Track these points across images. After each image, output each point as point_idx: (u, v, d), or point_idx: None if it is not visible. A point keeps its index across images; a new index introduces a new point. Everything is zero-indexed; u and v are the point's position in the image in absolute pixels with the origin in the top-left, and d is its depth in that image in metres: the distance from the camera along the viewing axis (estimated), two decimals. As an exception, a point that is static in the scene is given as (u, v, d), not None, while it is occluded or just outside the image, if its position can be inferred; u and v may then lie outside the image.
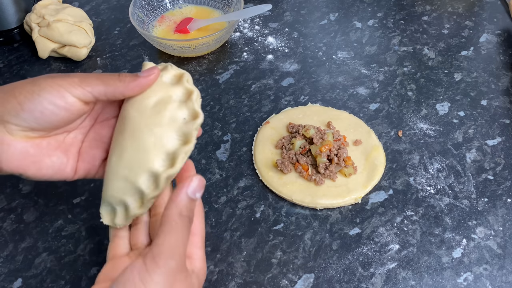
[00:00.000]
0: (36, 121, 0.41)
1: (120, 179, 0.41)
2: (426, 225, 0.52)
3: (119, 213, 0.43)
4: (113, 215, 0.43)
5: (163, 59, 0.71)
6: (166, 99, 0.42)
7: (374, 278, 0.48)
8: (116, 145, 0.42)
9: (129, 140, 0.41)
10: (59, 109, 0.41)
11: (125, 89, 0.41)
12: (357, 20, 0.78)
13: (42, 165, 0.42)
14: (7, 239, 0.52)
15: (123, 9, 0.80)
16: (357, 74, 0.69)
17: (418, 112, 0.63)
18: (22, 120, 0.40)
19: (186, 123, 0.41)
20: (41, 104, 0.40)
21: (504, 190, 0.55)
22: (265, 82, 0.68)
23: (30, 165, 0.42)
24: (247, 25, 0.77)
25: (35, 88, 0.40)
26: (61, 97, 0.40)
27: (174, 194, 0.37)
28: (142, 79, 0.42)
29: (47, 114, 0.40)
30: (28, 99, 0.40)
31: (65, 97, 0.40)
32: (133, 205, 0.42)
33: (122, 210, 0.42)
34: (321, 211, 0.54)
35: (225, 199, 0.55)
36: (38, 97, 0.40)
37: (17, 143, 0.41)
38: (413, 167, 0.57)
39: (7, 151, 0.40)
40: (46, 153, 0.42)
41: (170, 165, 0.40)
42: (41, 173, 0.42)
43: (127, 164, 0.41)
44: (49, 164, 0.43)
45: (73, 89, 0.41)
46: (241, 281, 0.48)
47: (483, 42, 0.73)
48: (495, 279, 0.48)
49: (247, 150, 0.59)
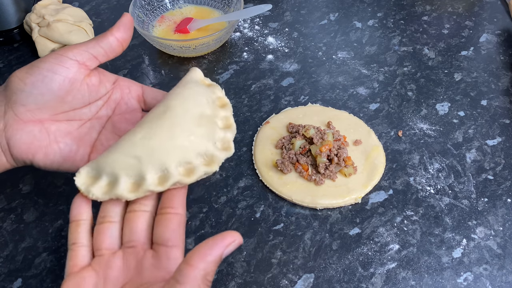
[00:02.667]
0: (40, 92, 0.40)
1: (131, 156, 0.39)
2: (426, 225, 0.52)
3: (101, 183, 0.39)
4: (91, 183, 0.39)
5: (163, 59, 0.71)
6: (211, 118, 0.43)
7: (374, 278, 0.48)
8: (148, 126, 0.41)
9: (166, 130, 0.40)
10: (57, 74, 0.41)
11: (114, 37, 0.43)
12: (357, 20, 0.78)
13: (49, 151, 0.42)
14: (7, 239, 0.52)
15: (123, 9, 0.80)
16: (357, 74, 0.69)
17: (418, 112, 0.63)
18: (27, 96, 0.40)
19: (216, 148, 0.42)
20: (41, 73, 0.40)
21: (504, 190, 0.55)
22: (265, 82, 0.68)
23: (37, 150, 0.41)
24: (247, 25, 0.77)
25: (35, 63, 0.41)
26: (59, 62, 0.41)
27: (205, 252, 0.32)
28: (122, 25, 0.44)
29: (48, 82, 0.40)
30: (28, 73, 0.40)
31: (62, 60, 0.41)
32: (124, 185, 0.39)
33: (106, 182, 0.39)
34: (321, 211, 0.54)
35: (225, 199, 0.55)
36: (38, 68, 0.40)
37: (25, 126, 0.41)
38: (413, 167, 0.57)
39: (15, 135, 0.40)
40: (53, 139, 0.42)
41: (186, 174, 0.40)
42: (49, 160, 0.42)
43: (149, 148, 0.39)
44: (56, 150, 0.42)
45: (69, 52, 0.41)
46: (241, 281, 0.48)
47: (483, 42, 0.73)
48: (495, 279, 0.48)
49: (247, 150, 0.59)
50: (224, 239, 0.34)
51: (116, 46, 0.44)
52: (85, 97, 0.43)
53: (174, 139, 0.40)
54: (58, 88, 0.41)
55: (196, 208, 0.54)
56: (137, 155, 0.39)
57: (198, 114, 0.42)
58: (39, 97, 0.41)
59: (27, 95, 0.40)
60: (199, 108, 0.42)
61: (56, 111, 0.42)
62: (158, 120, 0.41)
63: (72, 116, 0.43)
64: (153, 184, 0.39)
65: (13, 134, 0.40)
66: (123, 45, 0.44)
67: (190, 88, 0.44)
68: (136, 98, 0.47)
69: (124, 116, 0.46)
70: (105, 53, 0.43)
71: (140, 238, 0.38)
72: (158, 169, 0.39)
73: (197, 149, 0.41)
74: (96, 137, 0.45)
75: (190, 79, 0.45)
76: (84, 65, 0.42)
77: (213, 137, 0.42)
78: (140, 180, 0.39)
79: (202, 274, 0.32)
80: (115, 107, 0.46)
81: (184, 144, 0.40)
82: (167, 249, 0.37)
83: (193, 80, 0.45)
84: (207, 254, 0.33)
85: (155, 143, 0.40)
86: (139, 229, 0.38)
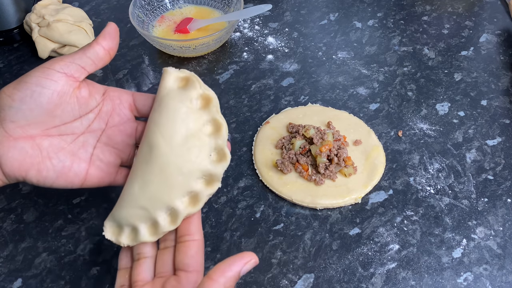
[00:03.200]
0: (29, 107, 0.40)
1: (137, 208, 0.41)
2: (426, 225, 0.52)
3: (126, 233, 0.43)
4: (118, 233, 0.43)
5: (163, 59, 0.71)
6: (197, 133, 0.41)
7: (374, 278, 0.48)
8: (140, 174, 0.42)
9: (157, 175, 0.41)
10: (45, 88, 0.40)
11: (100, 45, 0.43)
12: (357, 20, 0.78)
13: (42, 167, 0.41)
14: (7, 239, 0.52)
15: (123, 9, 0.80)
16: (357, 74, 0.69)
17: (418, 112, 0.63)
18: (16, 112, 0.39)
19: (213, 163, 0.41)
20: (29, 88, 0.39)
21: (504, 190, 0.55)
22: (265, 82, 0.68)
23: (30, 167, 0.40)
24: (247, 25, 0.77)
25: (23, 78, 0.40)
26: (46, 75, 0.40)
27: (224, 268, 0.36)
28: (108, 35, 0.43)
29: (36, 97, 0.40)
30: (16, 88, 0.40)
31: (49, 74, 0.40)
32: (144, 232, 0.42)
33: (129, 231, 0.43)
34: (321, 211, 0.54)
35: (225, 199, 0.55)
36: (25, 84, 0.40)
37: (16, 143, 0.40)
38: (413, 167, 0.57)
39: (6, 153, 0.40)
40: (46, 155, 0.41)
41: (192, 203, 0.41)
42: (42, 176, 0.41)
43: (150, 197, 0.41)
44: (49, 167, 0.41)
45: (56, 64, 0.41)
46: (241, 281, 0.48)
47: (483, 42, 0.73)
48: (495, 279, 0.48)
49: (247, 150, 0.59)
50: (243, 258, 0.37)
51: (103, 55, 0.43)
52: (75, 110, 0.42)
53: (169, 179, 0.40)
54: (47, 102, 0.40)
55: (196, 208, 0.54)
56: (142, 206, 0.41)
57: (183, 138, 0.41)
58: (28, 113, 0.40)
59: (16, 111, 0.40)
60: (181, 129, 0.41)
61: (47, 126, 0.42)
62: (147, 165, 0.41)
63: (64, 131, 0.43)
64: (167, 225, 0.41)
65: (5, 152, 0.40)
66: (110, 54, 0.44)
67: (166, 107, 0.42)
68: (128, 108, 0.45)
69: (118, 128, 0.45)
70: (92, 63, 0.42)
71: (169, 269, 0.41)
72: (166, 210, 0.41)
73: (194, 176, 0.41)
74: (92, 152, 0.44)
75: (165, 90, 0.43)
76: (72, 77, 0.41)
77: (205, 153, 0.41)
78: (155, 225, 0.41)
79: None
80: (107, 119, 0.45)
81: (179, 179, 0.40)
82: (188, 274, 0.40)
83: (167, 91, 0.43)
84: (227, 270, 0.36)
85: (152, 191, 0.41)
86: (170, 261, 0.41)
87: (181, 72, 0.44)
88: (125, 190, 0.42)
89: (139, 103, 0.46)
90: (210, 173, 0.41)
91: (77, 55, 0.42)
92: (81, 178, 0.43)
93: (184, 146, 0.41)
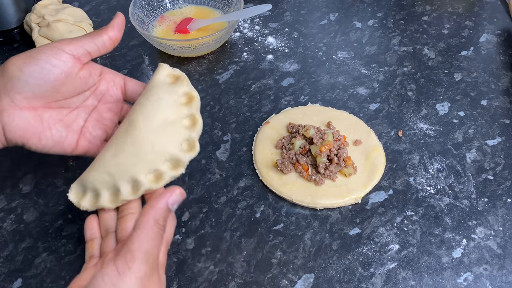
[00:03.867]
0: (37, 82, 0.43)
1: (105, 173, 0.45)
2: (426, 225, 0.52)
3: (88, 197, 0.46)
4: (80, 197, 0.46)
5: (163, 59, 0.71)
6: (175, 122, 0.46)
7: (374, 278, 0.48)
8: (116, 143, 0.45)
9: (130, 146, 0.44)
10: (55, 67, 0.43)
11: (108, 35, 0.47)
12: (357, 20, 0.78)
13: (42, 136, 0.45)
14: (7, 239, 0.52)
15: (123, 9, 0.80)
16: (357, 74, 0.69)
17: (418, 112, 0.63)
18: (24, 84, 0.43)
19: (181, 151, 0.45)
20: (39, 64, 0.43)
21: (504, 190, 0.55)
22: (265, 82, 0.68)
23: (31, 136, 0.44)
24: (247, 25, 0.77)
25: (32, 53, 0.43)
26: (56, 54, 0.43)
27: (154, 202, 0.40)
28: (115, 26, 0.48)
29: (45, 74, 0.43)
30: (26, 63, 0.43)
31: (59, 54, 0.44)
32: (105, 198, 0.45)
33: (92, 196, 0.46)
34: (321, 211, 0.54)
35: (225, 199, 0.55)
36: (35, 60, 0.43)
37: (21, 113, 0.43)
38: (413, 167, 0.57)
39: (12, 121, 0.43)
40: (46, 125, 0.45)
41: (155, 181, 0.44)
42: (42, 144, 0.45)
43: (119, 165, 0.44)
44: (48, 136, 0.45)
45: (66, 46, 0.44)
46: (241, 281, 0.48)
47: (483, 42, 0.73)
48: (495, 279, 0.48)
49: (247, 150, 0.59)
50: (167, 191, 0.42)
51: (109, 44, 0.47)
52: (76, 88, 0.47)
53: (139, 153, 0.44)
54: (54, 79, 0.44)
55: (196, 208, 0.54)
56: (109, 172, 0.44)
57: (161, 122, 0.45)
58: (35, 87, 0.43)
59: (24, 84, 0.43)
60: (161, 115, 0.45)
61: (50, 100, 0.45)
62: (122, 137, 0.45)
63: (62, 105, 0.47)
64: (127, 194, 0.44)
65: (10, 120, 0.43)
66: (115, 44, 0.48)
67: (153, 94, 0.46)
68: (120, 89, 0.50)
69: (108, 106, 0.50)
70: (98, 50, 0.46)
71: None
72: (129, 181, 0.44)
73: (163, 157, 0.44)
74: (83, 125, 0.48)
75: (156, 82, 0.47)
76: (78, 59, 0.45)
77: (178, 141, 0.45)
78: (117, 192, 0.44)
79: (153, 219, 0.40)
80: (100, 97, 0.49)
81: (148, 155, 0.44)
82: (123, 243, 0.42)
83: (158, 83, 0.47)
84: (155, 204, 0.41)
85: (122, 160, 0.44)
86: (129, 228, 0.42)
87: (174, 70, 0.48)
88: (98, 157, 0.46)
89: (129, 87, 0.50)
90: (177, 159, 0.45)
91: (85, 41, 0.45)
92: (73, 147, 0.47)
93: (161, 129, 0.45)
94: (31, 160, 0.59)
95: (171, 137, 0.45)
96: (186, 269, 0.49)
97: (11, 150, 0.60)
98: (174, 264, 0.49)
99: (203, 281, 0.48)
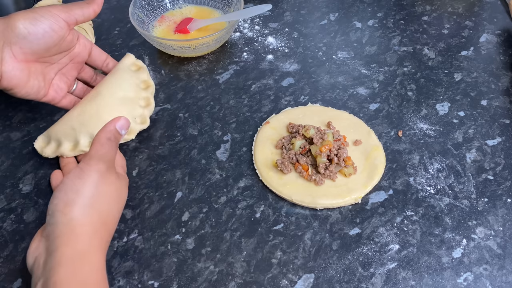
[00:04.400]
0: (37, 42, 0.52)
1: (69, 127, 0.56)
2: (426, 225, 0.52)
3: (51, 146, 0.56)
4: (45, 146, 0.56)
5: (163, 59, 0.71)
6: (134, 100, 0.59)
7: (374, 278, 0.48)
8: (82, 106, 0.57)
9: (93, 110, 0.56)
10: (54, 31, 0.52)
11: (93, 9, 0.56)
12: (357, 20, 0.78)
13: (27, 85, 0.53)
14: (7, 239, 0.52)
15: (123, 9, 0.80)
16: (357, 74, 0.69)
17: (418, 112, 0.63)
18: (27, 42, 0.51)
19: (135, 122, 0.58)
20: (42, 28, 0.51)
21: (504, 190, 0.55)
22: (265, 82, 0.68)
23: (19, 84, 0.52)
24: (247, 25, 0.77)
25: (36, 15, 0.51)
26: (56, 22, 0.52)
27: (106, 125, 0.48)
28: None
29: (47, 37, 0.52)
30: (32, 24, 0.51)
31: (58, 21, 0.52)
32: (66, 147, 0.55)
33: (54, 146, 0.56)
34: (321, 211, 0.54)
35: (225, 199, 0.55)
36: (40, 23, 0.51)
37: (18, 64, 0.52)
38: (413, 167, 0.57)
39: (10, 71, 0.51)
40: (32, 76, 0.53)
41: None
42: (25, 91, 0.53)
43: (81, 123, 0.55)
44: (33, 85, 0.54)
45: (63, 14, 0.53)
46: (241, 281, 0.48)
47: (483, 42, 0.73)
48: (495, 279, 0.48)
49: (247, 150, 0.59)
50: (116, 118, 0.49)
51: (93, 16, 0.56)
52: (62, 48, 0.55)
53: (100, 116, 0.55)
54: (51, 42, 0.53)
55: (196, 208, 0.54)
56: (72, 126, 0.55)
57: (121, 97, 0.57)
58: (35, 46, 0.52)
59: (27, 42, 0.51)
60: (122, 92, 0.58)
61: (40, 56, 0.53)
62: (89, 102, 0.57)
63: (47, 60, 0.55)
64: (85, 146, 0.55)
65: (9, 69, 0.51)
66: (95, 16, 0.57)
67: (118, 75, 0.59)
68: (87, 53, 0.59)
69: (75, 65, 0.59)
70: (83, 20, 0.55)
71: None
72: (88, 136, 0.55)
73: None
74: (53, 77, 0.57)
75: (121, 66, 0.60)
76: (69, 26, 0.54)
77: (132, 114, 0.58)
78: (76, 144, 0.55)
79: (105, 137, 0.47)
80: (73, 58, 0.58)
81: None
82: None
83: (123, 67, 0.60)
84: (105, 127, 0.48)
85: (85, 119, 0.55)
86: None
87: (138, 61, 0.61)
88: (66, 114, 0.57)
89: (94, 53, 0.60)
90: (131, 127, 0.57)
91: (77, 11, 0.54)
92: (43, 95, 0.56)
93: (121, 102, 0.57)
94: (31, 160, 0.59)
95: (128, 110, 0.57)
96: (186, 269, 0.49)
97: (11, 149, 0.60)
98: (174, 264, 0.49)
99: (203, 281, 0.48)
